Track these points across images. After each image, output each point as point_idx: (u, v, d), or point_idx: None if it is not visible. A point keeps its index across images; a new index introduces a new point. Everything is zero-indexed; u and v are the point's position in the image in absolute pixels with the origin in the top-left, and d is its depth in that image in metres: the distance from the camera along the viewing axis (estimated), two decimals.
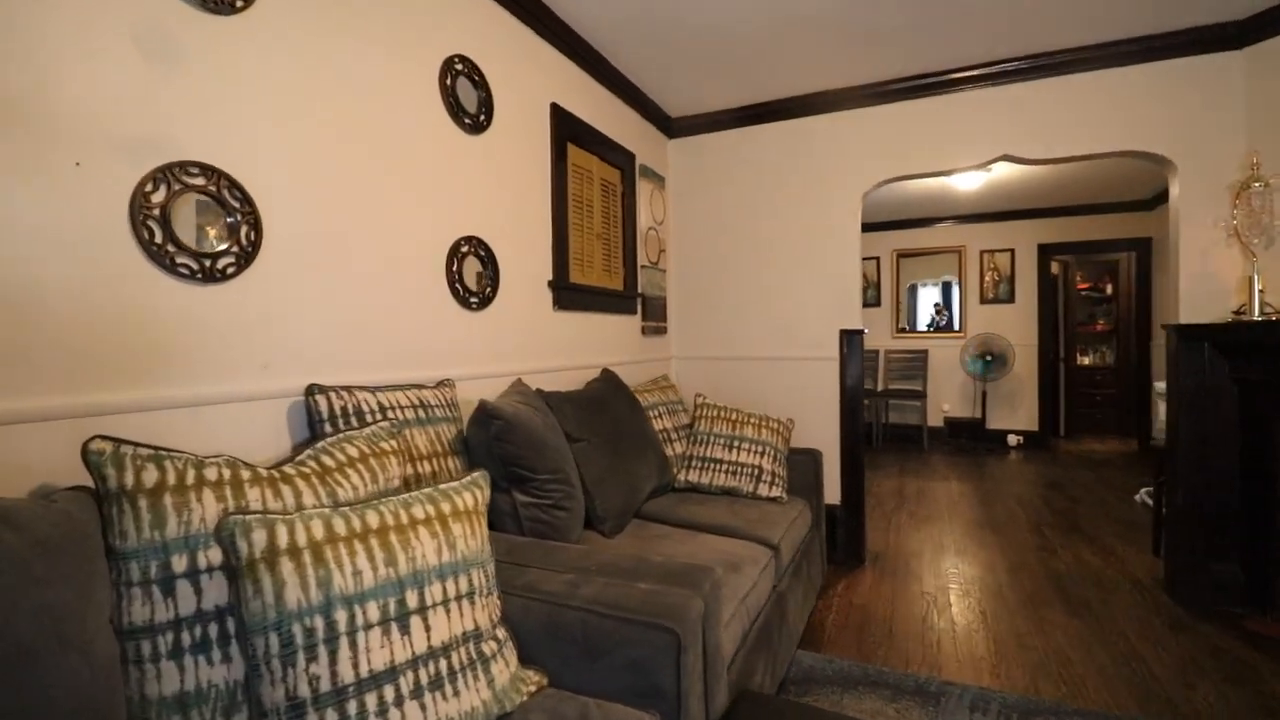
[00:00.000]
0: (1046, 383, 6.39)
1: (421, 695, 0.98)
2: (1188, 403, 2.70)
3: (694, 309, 3.61)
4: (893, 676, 2.16)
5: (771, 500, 2.58)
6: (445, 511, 1.16)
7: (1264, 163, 2.47)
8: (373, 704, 0.93)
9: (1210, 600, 2.61)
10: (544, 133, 2.45)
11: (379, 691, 0.94)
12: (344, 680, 0.92)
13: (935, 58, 2.86)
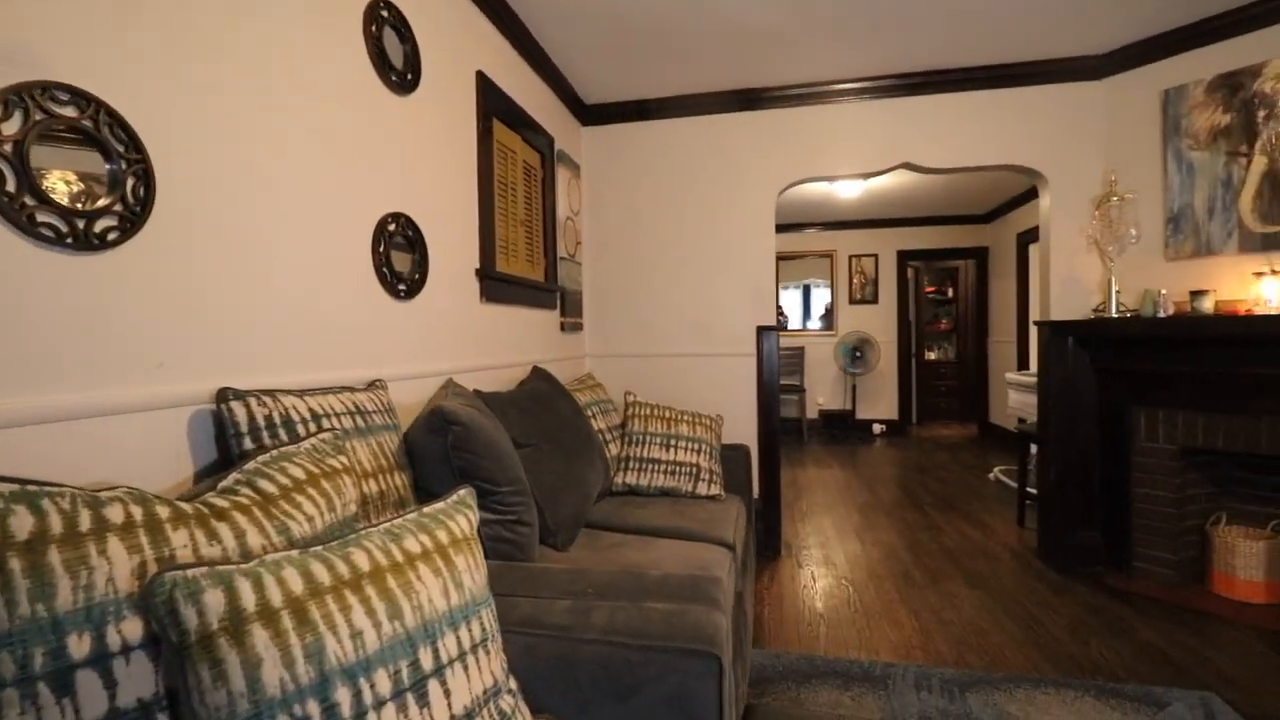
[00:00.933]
0: (904, 376, 7.06)
1: None
2: (1056, 391, 3.05)
3: (610, 304, 3.47)
4: (839, 665, 2.18)
5: (711, 498, 2.53)
6: (443, 542, 0.94)
7: (1119, 180, 2.85)
8: None
9: (1078, 563, 2.97)
10: (470, 103, 2.19)
11: None
12: None
13: (848, 67, 2.98)
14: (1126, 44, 2.77)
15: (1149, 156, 2.81)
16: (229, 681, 0.66)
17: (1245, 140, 2.53)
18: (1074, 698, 1.94)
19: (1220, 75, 2.58)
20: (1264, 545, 2.54)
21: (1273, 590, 2.53)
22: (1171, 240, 2.76)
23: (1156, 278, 2.79)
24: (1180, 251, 2.74)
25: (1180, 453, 2.73)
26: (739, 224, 3.31)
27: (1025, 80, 2.96)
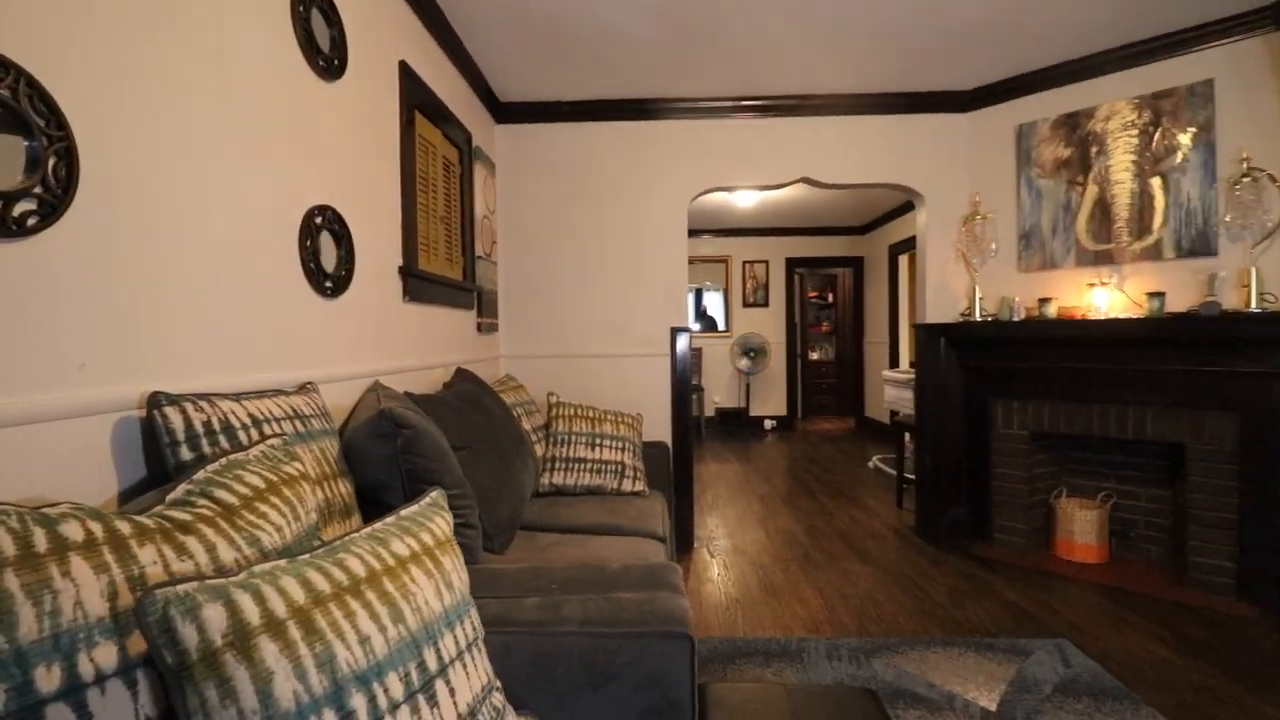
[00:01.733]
0: (792, 375, 7.55)
1: None
2: (931, 386, 3.43)
3: (526, 305, 3.44)
4: (758, 644, 2.33)
5: (636, 494, 2.60)
6: (428, 544, 0.93)
7: (983, 201, 3.26)
8: None
9: (950, 537, 3.36)
10: (393, 94, 2.11)
11: None
12: None
13: (752, 85, 3.17)
14: (989, 83, 3.18)
15: (1006, 181, 3.24)
16: (239, 699, 0.63)
17: (1082, 171, 3.00)
18: (958, 654, 2.21)
19: (1062, 115, 3.04)
20: (1095, 514, 3.02)
21: (1103, 551, 3.03)
22: (1024, 254, 3.21)
23: (1012, 286, 3.23)
24: (1031, 264, 3.19)
25: (1030, 437, 3.18)
26: (653, 229, 3.41)
27: (907, 109, 3.31)
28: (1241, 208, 2.57)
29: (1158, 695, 1.96)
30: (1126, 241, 2.89)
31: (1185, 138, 2.72)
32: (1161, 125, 2.78)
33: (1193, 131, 2.70)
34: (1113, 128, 2.90)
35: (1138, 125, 2.84)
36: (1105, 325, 2.81)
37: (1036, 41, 2.77)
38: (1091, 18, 2.57)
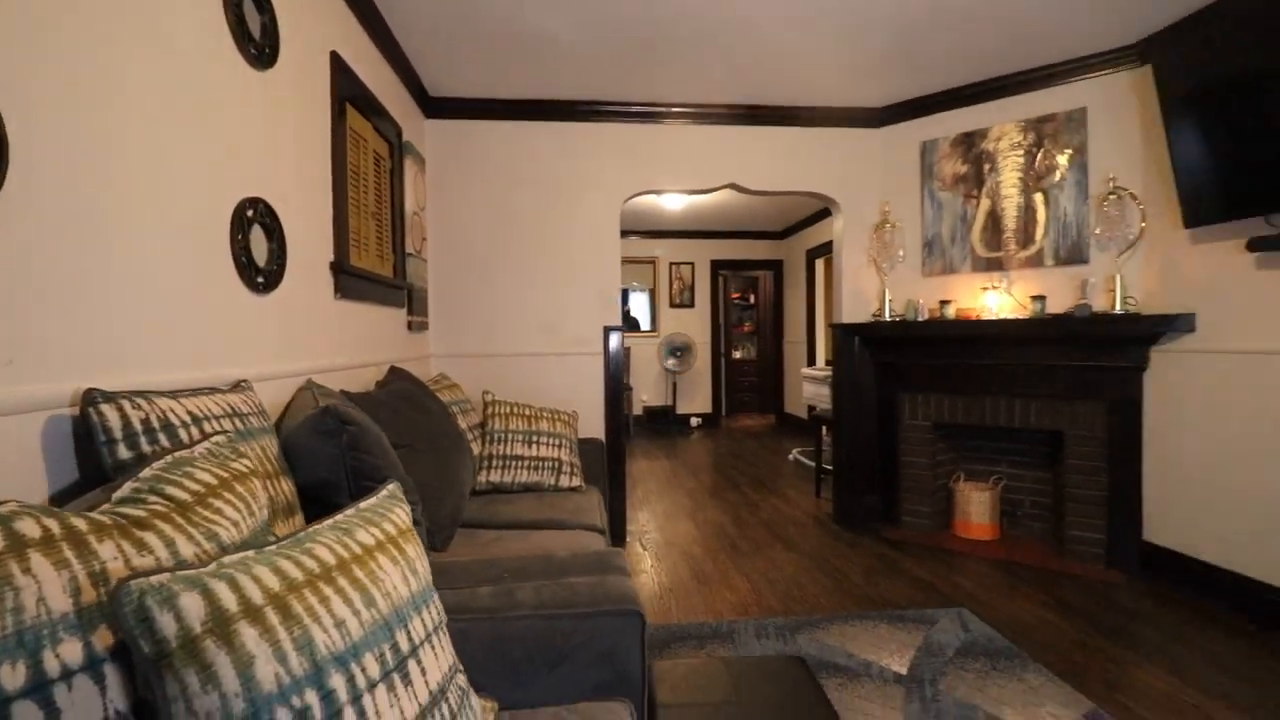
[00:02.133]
0: (716, 373, 7.80)
1: None
2: (846, 382, 3.67)
3: (457, 303, 3.41)
4: (692, 629, 2.44)
5: (573, 490, 2.64)
6: (391, 532, 0.95)
7: (892, 210, 3.53)
8: None
9: (864, 522, 3.61)
10: (324, 85, 2.05)
11: None
12: None
13: (683, 93, 3.28)
14: (897, 102, 3.45)
15: (912, 193, 3.52)
16: (221, 683, 0.64)
17: (976, 186, 3.31)
18: (872, 626, 2.40)
19: (960, 134, 3.34)
20: (988, 495, 3.35)
21: (995, 529, 3.35)
22: (927, 260, 3.50)
23: (917, 289, 3.51)
24: (933, 269, 3.48)
25: (933, 428, 3.48)
26: (586, 229, 3.46)
27: (827, 122, 3.53)
28: (1108, 222, 2.93)
29: (1042, 652, 2.22)
30: (1014, 250, 3.22)
31: (1063, 159, 3.07)
32: (1043, 147, 3.12)
33: (1069, 153, 3.05)
34: (1002, 148, 3.23)
35: (1023, 146, 3.17)
36: (995, 325, 3.12)
37: (938, 68, 3.04)
38: (983, 48, 2.85)
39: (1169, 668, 2.12)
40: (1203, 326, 2.64)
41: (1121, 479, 2.92)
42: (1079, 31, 2.71)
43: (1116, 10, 2.53)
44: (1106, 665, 2.14)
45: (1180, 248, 2.73)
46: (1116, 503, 2.93)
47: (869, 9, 2.48)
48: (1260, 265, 2.43)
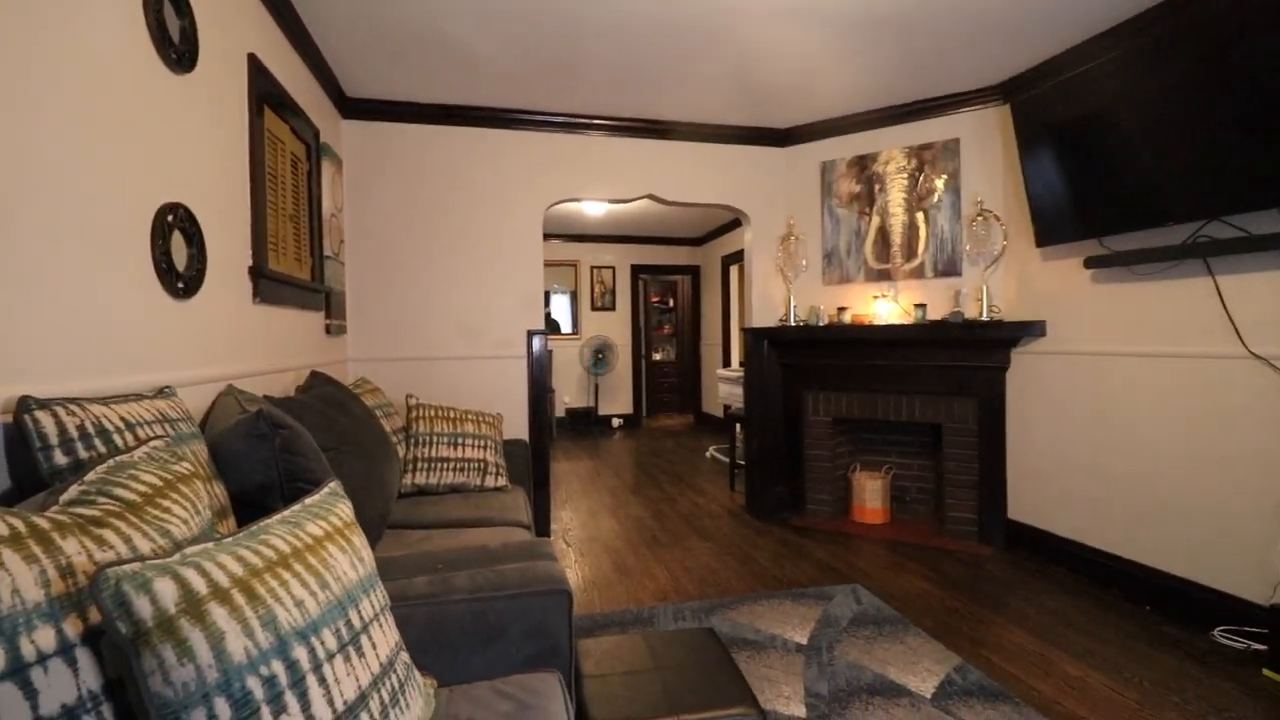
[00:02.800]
0: (637, 375, 8.00)
1: (389, 715, 0.91)
2: (757, 382, 3.94)
3: (377, 307, 3.39)
4: (614, 616, 2.59)
5: (499, 490, 2.72)
6: (338, 525, 1.03)
7: (796, 224, 3.83)
8: None
9: (773, 511, 3.89)
10: (242, 88, 2.04)
11: None
12: None
13: (603, 106, 3.43)
14: (800, 124, 3.75)
15: (813, 208, 3.84)
16: (195, 656, 0.72)
17: (869, 204, 3.66)
18: (778, 604, 2.64)
19: (855, 157, 3.68)
20: (880, 483, 3.70)
21: (886, 513, 3.71)
22: (827, 270, 3.83)
23: (819, 297, 3.83)
24: (832, 278, 3.81)
25: (833, 423, 3.80)
26: (509, 234, 3.54)
27: (738, 140, 3.79)
28: (977, 240, 3.33)
29: (923, 618, 2.52)
30: (900, 263, 3.59)
31: (940, 183, 3.45)
32: (924, 171, 3.50)
33: (945, 178, 3.44)
34: (890, 170, 3.59)
35: (908, 170, 3.54)
36: (885, 330, 3.47)
37: (835, 95, 3.35)
38: (873, 82, 3.18)
39: (1024, 625, 2.47)
40: (1052, 331, 3.07)
41: (989, 465, 3.33)
42: (954, 71, 3.07)
43: (983, 55, 2.90)
44: (974, 626, 2.47)
45: (1034, 264, 3.16)
46: (985, 486, 3.34)
47: (768, 40, 2.72)
48: (1095, 280, 2.86)
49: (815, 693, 1.98)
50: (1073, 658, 2.23)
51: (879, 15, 2.51)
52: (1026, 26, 2.63)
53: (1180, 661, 2.19)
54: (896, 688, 2.01)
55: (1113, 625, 2.46)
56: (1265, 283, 2.23)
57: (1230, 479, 2.35)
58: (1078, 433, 2.94)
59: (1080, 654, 2.25)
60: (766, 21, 2.55)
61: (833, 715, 1.86)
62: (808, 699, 1.95)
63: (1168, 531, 2.56)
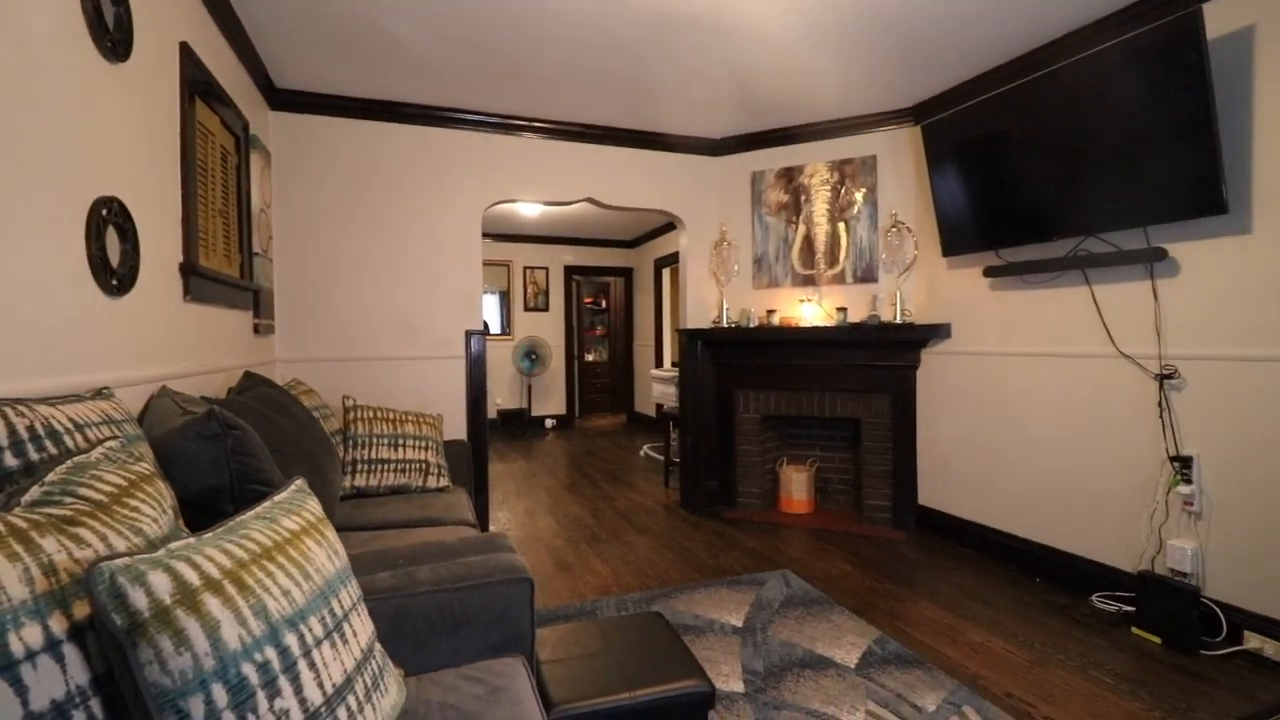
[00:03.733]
0: (570, 375, 8.03)
1: (371, 698, 0.95)
2: (691, 381, 4.10)
3: (308, 306, 3.28)
4: (559, 611, 2.65)
5: (441, 490, 2.73)
6: (311, 520, 1.06)
7: (729, 230, 4.01)
8: (344, 717, 0.87)
9: (706, 505, 4.05)
10: (174, 78, 1.96)
11: (345, 704, 0.88)
12: (314, 703, 0.83)
13: (544, 108, 3.48)
14: (733, 135, 3.94)
15: (745, 216, 4.03)
16: (192, 645, 0.75)
17: (795, 213, 3.89)
18: (714, 591, 2.78)
19: (783, 168, 3.90)
20: (805, 475, 3.94)
21: (811, 504, 3.95)
22: (757, 275, 4.03)
23: (750, 300, 4.03)
24: (762, 283, 4.02)
25: (762, 419, 4.01)
26: (448, 233, 3.52)
27: (674, 148, 3.93)
28: (891, 249, 3.61)
29: (845, 597, 2.73)
30: (824, 269, 3.83)
31: (860, 195, 3.72)
32: (846, 185, 3.76)
33: (864, 191, 3.71)
34: (815, 183, 3.83)
35: (830, 183, 3.79)
36: (810, 332, 3.70)
37: (764, 111, 3.54)
38: (798, 99, 3.39)
39: (934, 599, 2.73)
40: (956, 333, 3.38)
41: (902, 456, 3.62)
42: (872, 93, 3.33)
43: (896, 80, 3.16)
44: (891, 602, 2.70)
45: (941, 272, 3.47)
46: (899, 475, 3.63)
47: (705, 56, 2.87)
48: (993, 288, 3.18)
49: (752, 669, 2.13)
50: (977, 626, 2.48)
51: (813, 37, 2.70)
52: (933, 58, 2.89)
53: (1065, 625, 2.49)
54: (824, 660, 2.18)
55: (1009, 596, 2.76)
56: (1131, 292, 2.57)
57: (1103, 463, 2.69)
58: (978, 425, 3.26)
59: (983, 623, 2.51)
60: (708, 38, 2.69)
61: (768, 689, 2.01)
62: (745, 675, 2.09)
63: (1053, 511, 2.89)
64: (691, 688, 1.40)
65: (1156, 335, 2.47)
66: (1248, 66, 2.18)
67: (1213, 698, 1.98)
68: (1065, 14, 2.53)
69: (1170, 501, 2.44)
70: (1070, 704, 1.96)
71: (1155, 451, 2.49)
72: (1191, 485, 2.35)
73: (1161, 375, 2.45)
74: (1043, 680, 2.09)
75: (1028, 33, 2.68)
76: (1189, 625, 2.25)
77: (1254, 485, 2.20)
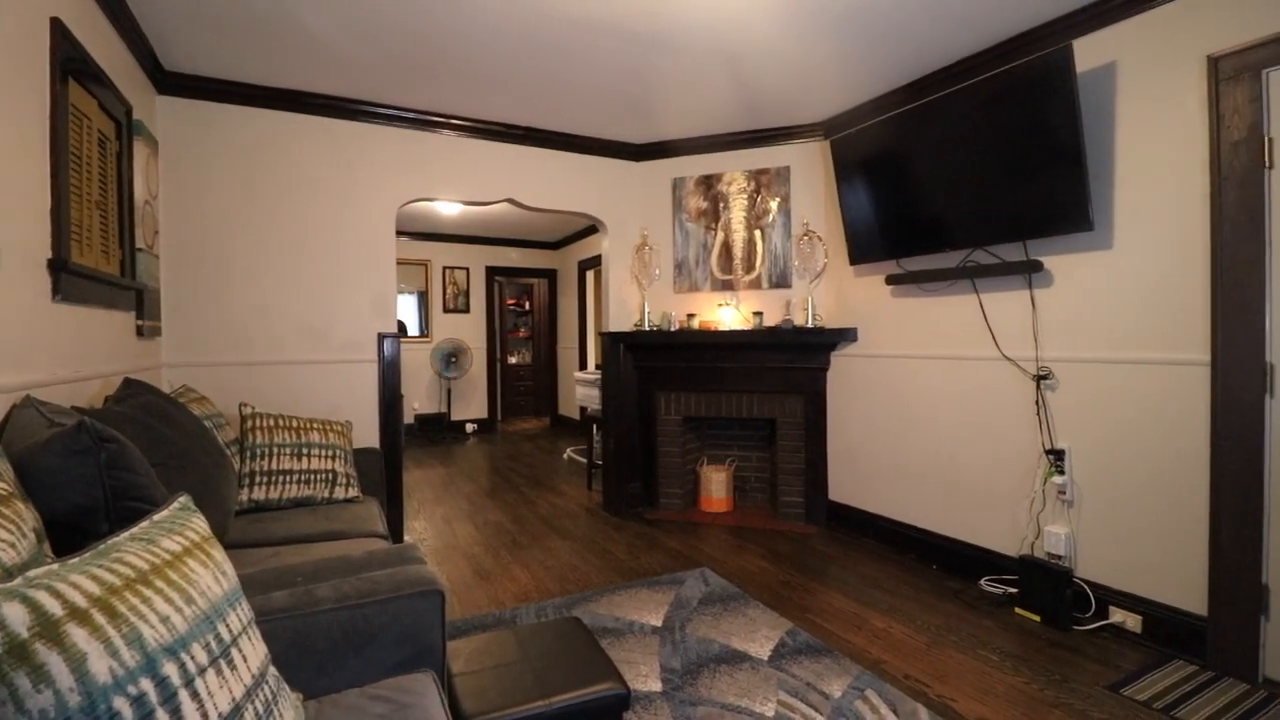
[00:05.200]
0: (492, 378, 7.87)
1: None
2: (613, 384, 4.12)
3: (200, 306, 3.05)
4: (476, 621, 2.59)
5: (350, 501, 2.61)
6: (195, 539, 0.99)
7: (650, 234, 4.06)
8: None
9: (628, 507, 4.08)
10: (43, 58, 1.78)
11: None
12: None
13: (461, 106, 3.40)
14: (653, 141, 3.99)
15: (666, 221, 4.10)
16: (54, 681, 0.68)
17: (714, 220, 3.99)
18: (635, 592, 2.81)
19: (702, 175, 4.00)
20: (725, 475, 4.04)
21: (730, 502, 4.06)
22: (677, 279, 4.10)
23: (671, 303, 4.09)
24: (682, 287, 4.10)
25: (683, 421, 4.08)
26: (358, 231, 3.37)
27: (597, 151, 3.94)
28: (803, 256, 3.78)
29: (759, 592, 2.83)
30: (741, 274, 3.96)
31: (774, 204, 3.87)
32: (762, 193, 3.90)
33: (778, 200, 3.86)
34: (733, 190, 3.95)
35: (747, 191, 3.92)
36: (728, 335, 3.81)
37: (685, 119, 3.62)
38: (715, 109, 3.48)
39: (842, 590, 2.87)
40: (862, 337, 3.58)
41: (814, 454, 3.79)
42: (785, 106, 3.47)
43: (807, 96, 3.31)
44: (802, 595, 2.82)
45: (849, 279, 3.66)
46: (811, 473, 3.80)
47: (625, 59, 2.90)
48: (894, 295, 3.39)
49: (670, 668, 2.16)
50: (880, 613, 2.64)
51: (726, 51, 2.78)
52: (839, 78, 3.05)
53: (958, 608, 2.68)
54: (739, 655, 2.25)
55: (909, 583, 2.95)
56: (1013, 300, 2.81)
57: (991, 458, 2.92)
58: (882, 424, 3.46)
59: (886, 610, 2.67)
60: (623, 44, 2.72)
61: (685, 686, 2.05)
62: (663, 674, 2.12)
63: (947, 502, 3.12)
64: (606, 691, 1.41)
65: (1034, 340, 2.71)
66: (1111, 98, 2.44)
67: (1083, 669, 2.20)
68: (952, 45, 2.73)
69: (1047, 491, 2.68)
70: (961, 682, 2.12)
71: (1034, 446, 2.73)
72: (1064, 476, 2.60)
73: (1039, 376, 2.69)
74: (937, 661, 2.25)
75: (921, 59, 2.87)
76: (1063, 604, 2.48)
77: (1115, 475, 2.46)
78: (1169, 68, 2.27)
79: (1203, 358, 2.19)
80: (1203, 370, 2.20)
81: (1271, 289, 2.05)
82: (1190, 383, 2.23)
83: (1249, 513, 2.09)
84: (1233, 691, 2.01)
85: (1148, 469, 2.36)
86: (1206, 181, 2.18)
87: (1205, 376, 2.19)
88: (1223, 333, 2.14)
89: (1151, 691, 2.03)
